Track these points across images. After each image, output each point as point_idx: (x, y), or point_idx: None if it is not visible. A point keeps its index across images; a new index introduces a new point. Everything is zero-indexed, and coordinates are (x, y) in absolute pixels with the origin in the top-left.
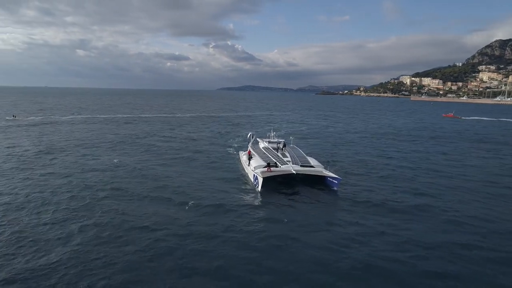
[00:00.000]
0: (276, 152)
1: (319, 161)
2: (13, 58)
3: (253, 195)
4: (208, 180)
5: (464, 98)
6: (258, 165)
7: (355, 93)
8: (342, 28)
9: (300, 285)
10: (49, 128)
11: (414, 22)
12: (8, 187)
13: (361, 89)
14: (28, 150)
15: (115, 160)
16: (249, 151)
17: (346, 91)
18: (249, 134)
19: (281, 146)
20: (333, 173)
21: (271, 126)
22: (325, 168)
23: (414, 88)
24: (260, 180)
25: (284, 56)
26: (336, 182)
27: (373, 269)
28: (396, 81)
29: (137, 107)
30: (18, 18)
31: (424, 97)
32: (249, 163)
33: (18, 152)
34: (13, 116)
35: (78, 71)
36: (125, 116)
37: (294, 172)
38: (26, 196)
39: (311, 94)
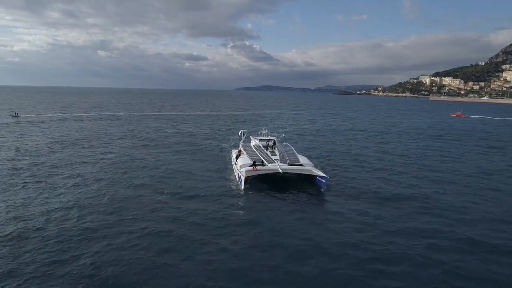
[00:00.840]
0: (265, 150)
1: (310, 159)
2: (38, 59)
3: (231, 189)
4: (191, 172)
5: (485, 98)
6: (244, 164)
7: (373, 93)
8: (360, 28)
9: (244, 265)
10: (54, 124)
11: (435, 20)
12: (3, 176)
13: (379, 89)
14: (27, 144)
15: (110, 155)
16: (239, 150)
17: (364, 91)
18: (240, 132)
19: (271, 143)
20: (322, 172)
21: (275, 124)
22: (315, 166)
23: (433, 88)
24: (243, 179)
25: (302, 56)
26: (324, 181)
27: (323, 251)
28: (415, 81)
29: (150, 105)
30: (43, 20)
31: (443, 97)
32: (236, 161)
33: (17, 146)
34: (16, 114)
35: (99, 72)
36: (134, 114)
37: (280, 171)
38: (23, 186)
39: (328, 94)
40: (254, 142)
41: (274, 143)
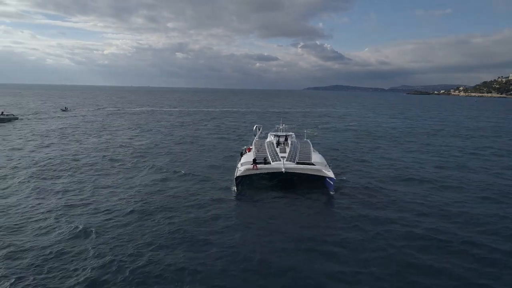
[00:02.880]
0: (276, 146)
1: (335, 157)
2: (124, 62)
3: (226, 185)
4: (199, 163)
5: None
6: (245, 161)
7: (453, 93)
8: (442, 22)
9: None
10: (102, 117)
11: None
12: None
13: (461, 88)
14: (65, 131)
15: (142, 142)
16: (249, 147)
17: (442, 91)
18: (255, 127)
19: (282, 139)
20: (332, 173)
21: (323, 120)
22: (327, 165)
23: None
24: (234, 178)
25: (376, 54)
26: (332, 183)
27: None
28: (504, 79)
29: (205, 103)
30: (129, 26)
31: None
32: (240, 158)
33: (65, 130)
34: (65, 108)
35: (177, 72)
36: (185, 108)
37: (283, 170)
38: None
39: (401, 94)
40: (269, 138)
41: (286, 139)
